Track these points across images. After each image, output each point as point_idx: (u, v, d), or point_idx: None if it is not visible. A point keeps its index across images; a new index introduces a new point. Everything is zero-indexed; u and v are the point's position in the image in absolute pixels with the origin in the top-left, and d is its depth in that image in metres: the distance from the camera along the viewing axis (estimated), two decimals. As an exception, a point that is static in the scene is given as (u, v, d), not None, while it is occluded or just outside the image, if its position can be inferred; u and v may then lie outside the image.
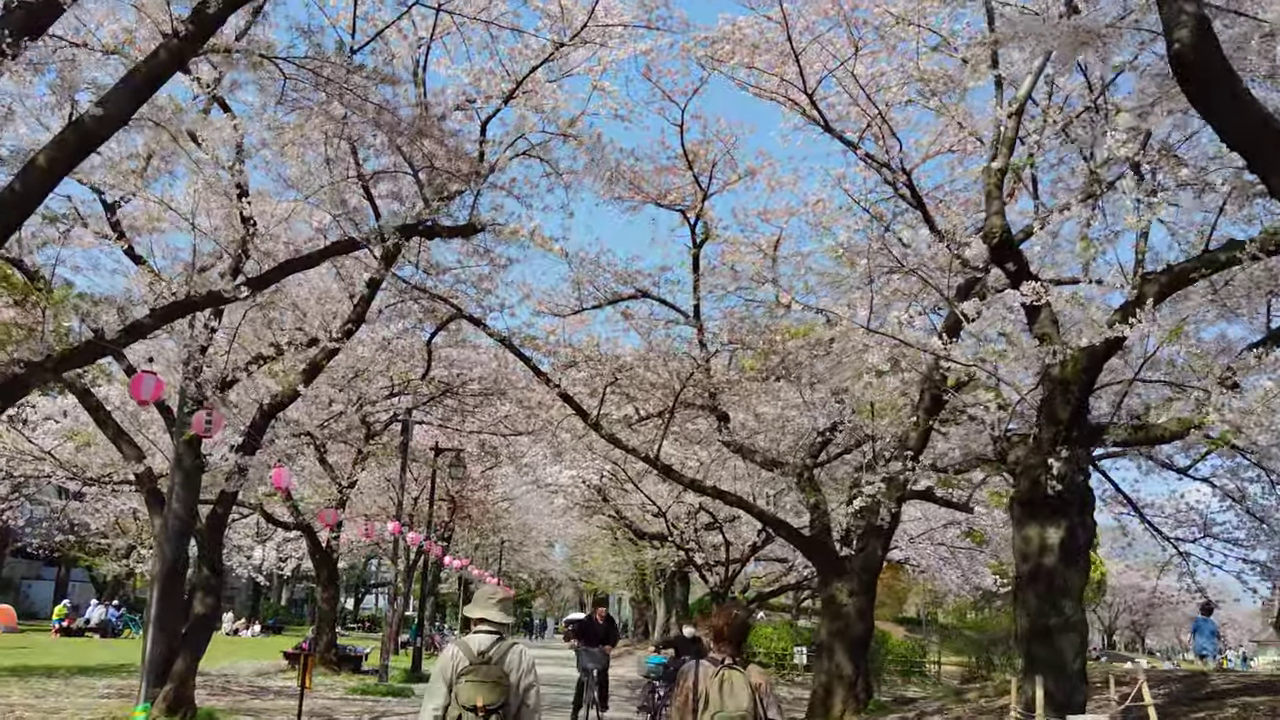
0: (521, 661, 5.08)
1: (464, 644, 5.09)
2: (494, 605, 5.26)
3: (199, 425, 9.95)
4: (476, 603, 5.31)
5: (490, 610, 5.23)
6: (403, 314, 18.09)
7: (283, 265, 9.14)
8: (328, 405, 18.68)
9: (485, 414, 22.58)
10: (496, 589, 5.52)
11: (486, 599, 5.28)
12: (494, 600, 5.28)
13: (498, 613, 5.25)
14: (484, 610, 5.22)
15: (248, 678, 21.39)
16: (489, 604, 5.25)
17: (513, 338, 15.40)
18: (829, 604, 14.44)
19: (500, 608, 5.30)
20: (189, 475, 12.07)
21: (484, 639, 5.09)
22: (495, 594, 5.33)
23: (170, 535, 11.90)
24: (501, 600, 5.33)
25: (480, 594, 5.38)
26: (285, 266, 9.18)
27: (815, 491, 15.43)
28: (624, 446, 15.20)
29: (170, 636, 11.93)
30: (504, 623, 5.26)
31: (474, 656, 4.98)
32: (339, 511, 21.18)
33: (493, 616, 5.21)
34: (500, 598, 5.34)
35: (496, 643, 5.08)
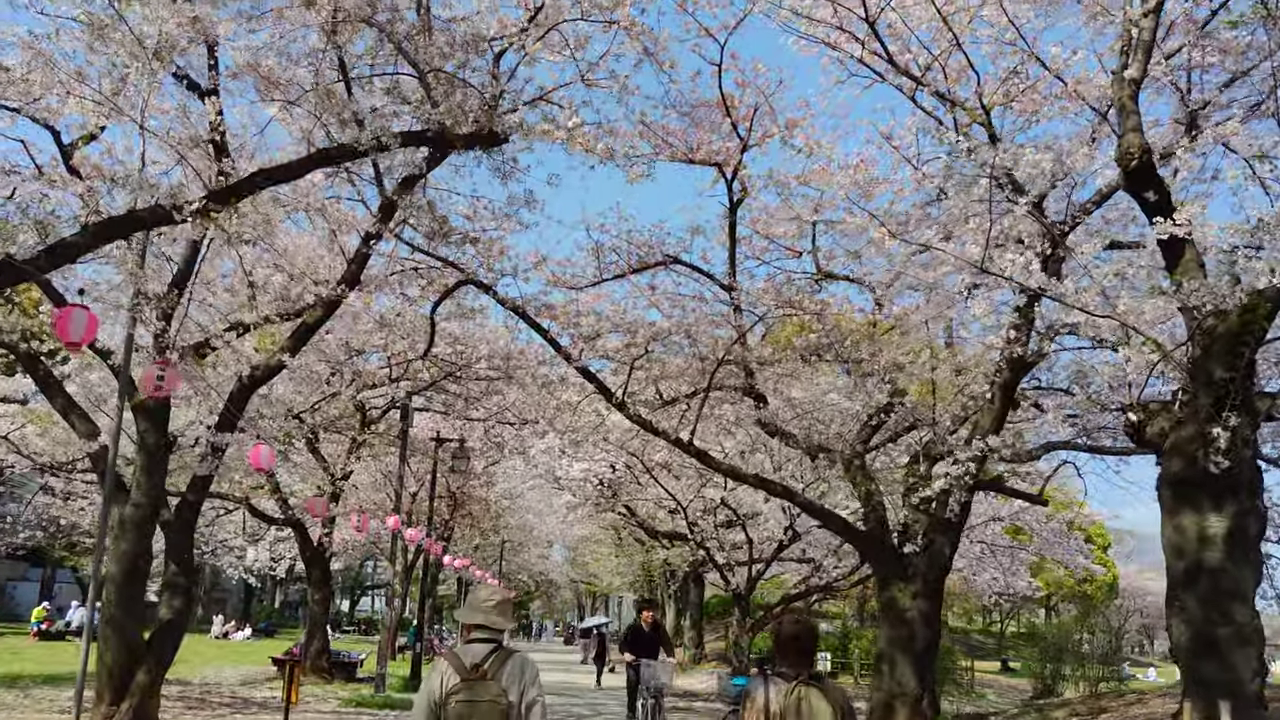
0: (524, 673, 4.30)
1: (455, 657, 4.35)
2: (491, 609, 4.53)
3: (149, 384, 8.12)
4: (471, 606, 4.60)
5: (487, 615, 4.50)
6: (402, 285, 16.35)
7: (254, 175, 7.31)
8: (323, 383, 16.89)
9: (491, 401, 20.80)
10: (494, 589, 4.72)
11: (482, 602, 4.57)
12: (491, 603, 4.55)
13: (496, 618, 4.52)
14: (479, 615, 4.50)
15: (231, 687, 19.58)
16: (486, 608, 4.53)
17: (527, 306, 13.61)
18: (889, 609, 12.66)
19: (499, 611, 4.56)
20: (153, 456, 10.29)
21: (479, 649, 4.35)
22: (493, 596, 4.60)
23: (130, 525, 10.11)
24: (500, 603, 4.59)
25: (475, 596, 4.64)
26: (258, 176, 7.35)
27: (868, 481, 13.67)
28: (653, 429, 13.43)
29: (130, 644, 10.14)
30: (502, 629, 4.52)
31: (466, 672, 4.25)
32: (331, 505, 19.36)
33: (490, 622, 4.49)
34: (498, 600, 4.60)
35: (494, 653, 4.33)
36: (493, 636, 4.47)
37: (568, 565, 67.04)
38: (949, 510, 12.28)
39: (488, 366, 17.54)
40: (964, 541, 25.41)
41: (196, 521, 11.45)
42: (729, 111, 13.82)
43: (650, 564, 40.46)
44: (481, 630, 4.47)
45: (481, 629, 4.47)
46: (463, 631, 4.91)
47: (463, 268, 13.73)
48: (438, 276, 15.14)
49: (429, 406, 20.83)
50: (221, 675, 21.95)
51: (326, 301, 11.95)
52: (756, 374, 14.85)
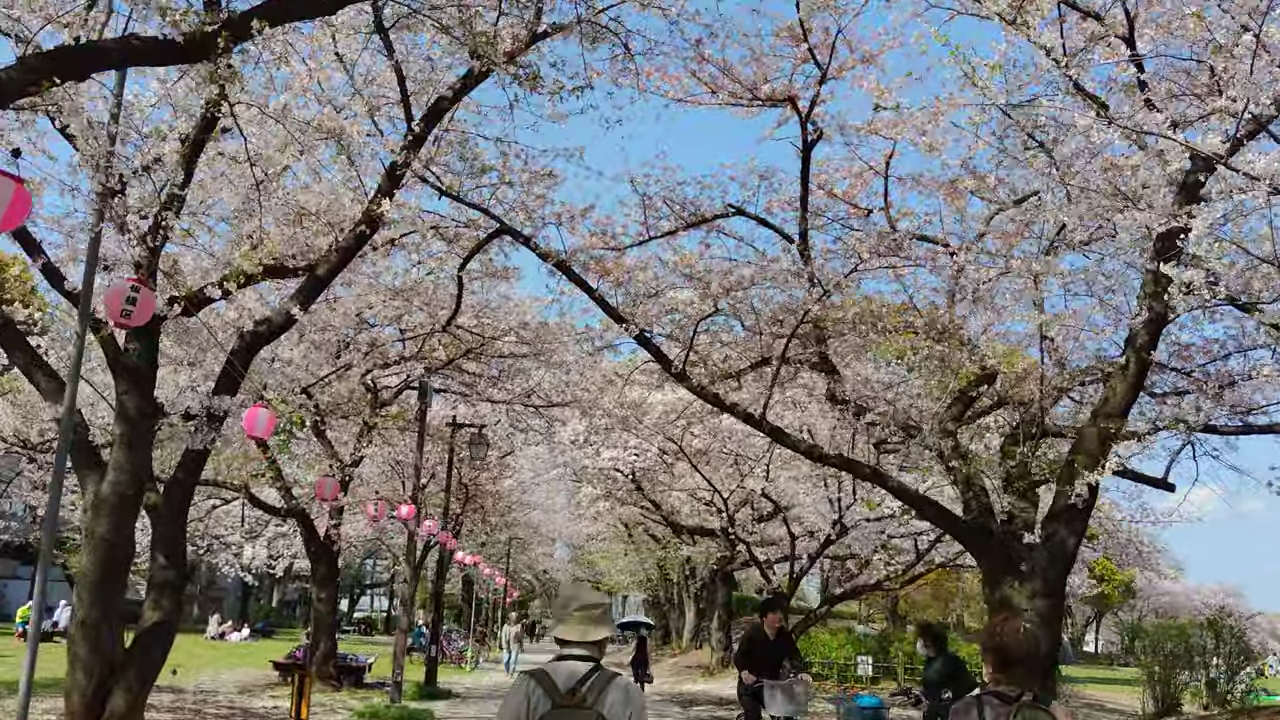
0: (629, 703, 3.45)
1: (545, 677, 3.49)
2: (587, 618, 3.62)
3: (115, 306, 6.19)
4: (564, 613, 3.68)
5: (583, 627, 3.60)
6: (420, 251, 14.51)
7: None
8: (333, 356, 15.03)
9: (514, 383, 18.95)
10: (582, 589, 3.82)
11: (577, 608, 3.63)
12: (588, 609, 3.64)
13: (593, 628, 3.62)
14: (575, 625, 3.61)
15: (229, 694, 17.72)
16: (581, 615, 3.62)
17: (572, 261, 11.76)
18: (998, 611, 10.82)
19: (596, 620, 3.65)
20: (135, 425, 8.43)
21: (574, 669, 3.50)
22: (588, 598, 3.70)
23: (107, 508, 8.25)
24: (601, 609, 3.70)
25: (567, 599, 3.72)
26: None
27: (965, 462, 11.84)
28: (721, 403, 11.59)
29: (107, 653, 8.27)
30: (600, 641, 3.63)
31: (560, 696, 3.42)
32: (340, 493, 17.48)
33: (586, 635, 3.59)
34: (592, 603, 3.68)
35: (593, 676, 3.46)
36: (591, 654, 3.58)
37: (573, 564, 65.37)
38: (1074, 493, 10.44)
39: (517, 340, 15.66)
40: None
41: (189, 506, 9.59)
42: (805, 35, 12.00)
43: (667, 561, 38.67)
44: (572, 645, 3.58)
45: (575, 644, 3.57)
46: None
47: (498, 216, 11.90)
48: (464, 233, 13.32)
49: (447, 388, 18.98)
50: (218, 681, 20.08)
51: (343, 247, 10.12)
52: (830, 344, 13.05)
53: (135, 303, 6.10)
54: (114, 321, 6.03)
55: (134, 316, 6.09)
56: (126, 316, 6.06)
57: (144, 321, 6.24)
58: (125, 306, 6.08)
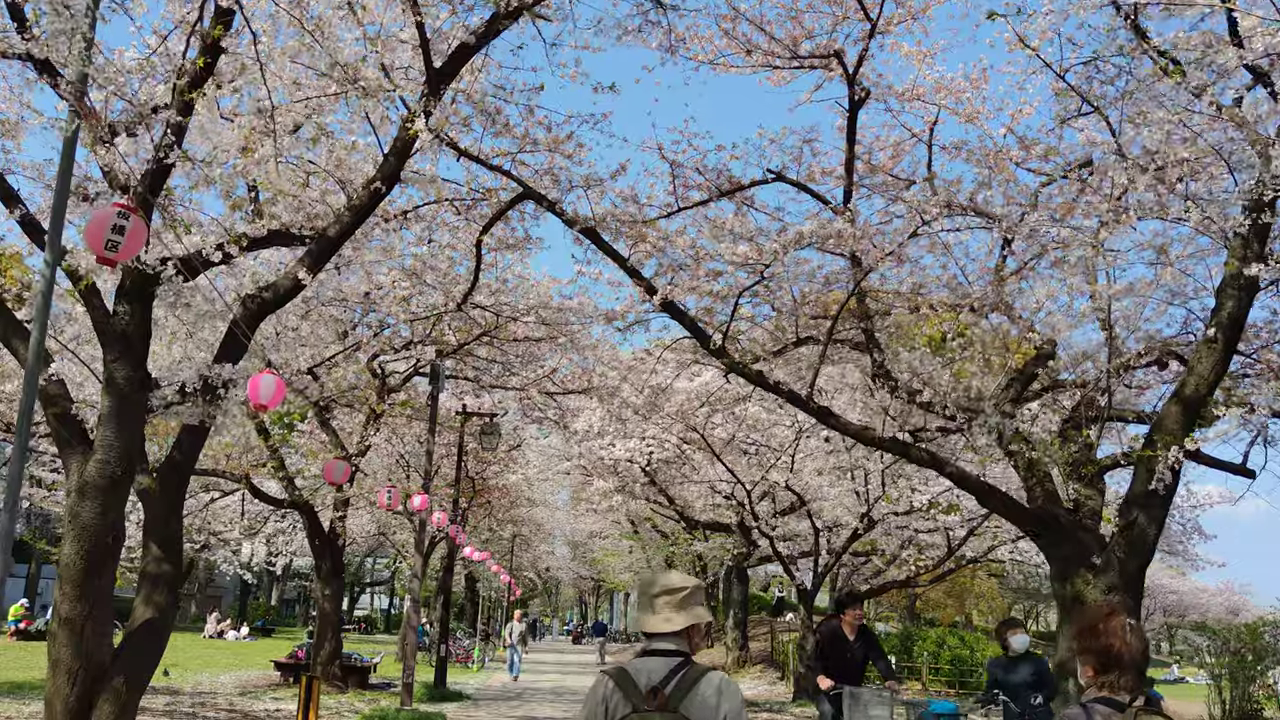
0: (722, 702, 2.93)
1: (624, 675, 3.02)
2: (670, 604, 3.08)
3: (97, 237, 5.11)
4: (645, 601, 3.13)
5: (665, 615, 3.07)
6: (432, 229, 13.59)
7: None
8: (339, 336, 14.09)
9: (529, 370, 18.02)
10: (663, 572, 3.20)
11: (660, 593, 3.10)
12: (671, 593, 3.09)
13: (677, 614, 3.08)
14: (656, 616, 3.08)
15: (228, 696, 16.80)
16: (663, 602, 3.09)
17: (601, 227, 10.82)
18: (1070, 607, 9.91)
19: (680, 605, 3.07)
20: (125, 397, 7.49)
21: (657, 666, 3.01)
22: (667, 582, 3.14)
23: (93, 490, 7.31)
24: (679, 593, 3.09)
25: (645, 584, 3.18)
26: None
27: (1028, 446, 10.91)
28: (763, 381, 10.65)
29: (92, 654, 7.34)
30: (686, 630, 3.07)
31: (639, 697, 2.96)
32: (345, 484, 16.55)
33: (670, 623, 3.06)
34: (675, 586, 3.11)
35: (680, 672, 2.98)
36: (678, 647, 3.09)
37: (576, 561, 64.50)
38: (1155, 479, 9.51)
39: (537, 320, 14.72)
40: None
41: (186, 490, 8.65)
42: (855, -16, 11.10)
43: (676, 558, 37.72)
44: (655, 639, 3.12)
45: (655, 637, 3.12)
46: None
47: (522, 180, 10.97)
48: (482, 204, 12.41)
49: (457, 374, 18.03)
50: (217, 682, 19.16)
51: (355, 206, 9.19)
52: (875, 320, 12.13)
53: (124, 233, 5.09)
54: (98, 255, 5.05)
55: (122, 250, 5.06)
56: (112, 250, 5.04)
57: (131, 256, 5.25)
58: (111, 237, 5.05)
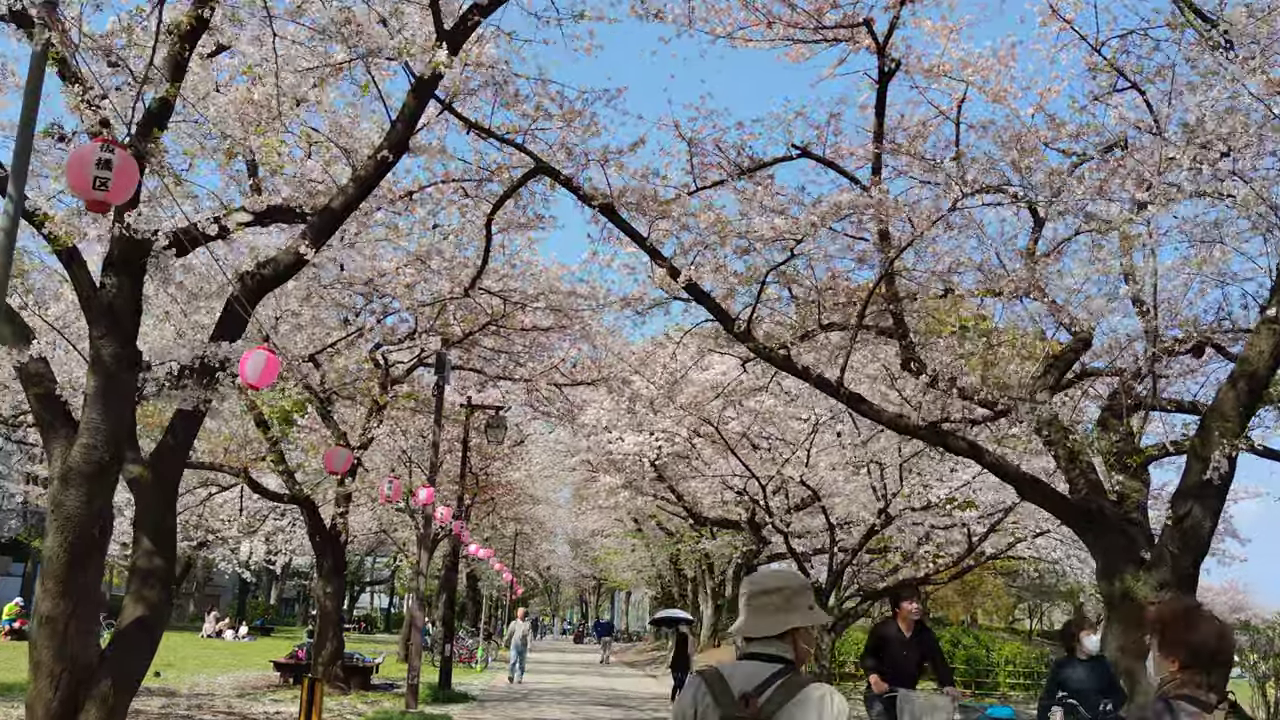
0: (822, 716, 2.63)
1: (718, 679, 2.76)
2: (768, 605, 2.81)
3: (80, 176, 4.45)
4: (744, 603, 2.87)
5: (766, 618, 2.79)
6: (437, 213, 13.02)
7: None
8: (342, 322, 13.52)
9: (537, 360, 17.44)
10: (764, 573, 2.93)
11: (758, 593, 2.83)
12: (770, 594, 2.82)
13: (777, 618, 2.79)
14: (754, 619, 2.81)
15: (226, 698, 16.22)
16: (760, 604, 2.81)
17: (619, 204, 10.25)
18: (1119, 605, 9.35)
19: (781, 607, 2.80)
20: (113, 377, 6.91)
21: (753, 671, 2.74)
22: (766, 582, 2.87)
23: (78, 478, 6.74)
24: (779, 594, 2.81)
25: (751, 584, 2.88)
26: None
27: (1066, 435, 10.36)
28: (792, 367, 10.10)
29: (78, 656, 6.76)
30: (789, 633, 2.77)
31: (731, 704, 2.69)
32: (348, 479, 15.98)
33: (753, 629, 2.80)
34: (775, 587, 2.83)
35: (778, 680, 2.69)
36: (780, 652, 2.74)
37: (577, 560, 64.00)
38: (1211, 469, 8.95)
39: (547, 307, 14.14)
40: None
41: (180, 478, 8.08)
42: (887, -52, 10.56)
43: (682, 556, 37.16)
44: (755, 642, 2.80)
45: (760, 640, 2.79)
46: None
47: (535, 154, 10.40)
48: (488, 180, 11.86)
49: (462, 364, 17.45)
50: (215, 683, 18.59)
51: (360, 177, 8.62)
52: (905, 303, 11.57)
53: (111, 168, 4.46)
54: (87, 199, 4.43)
55: (114, 188, 4.42)
56: (102, 188, 4.39)
57: (125, 196, 4.62)
58: (98, 174, 4.42)
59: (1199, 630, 3.01)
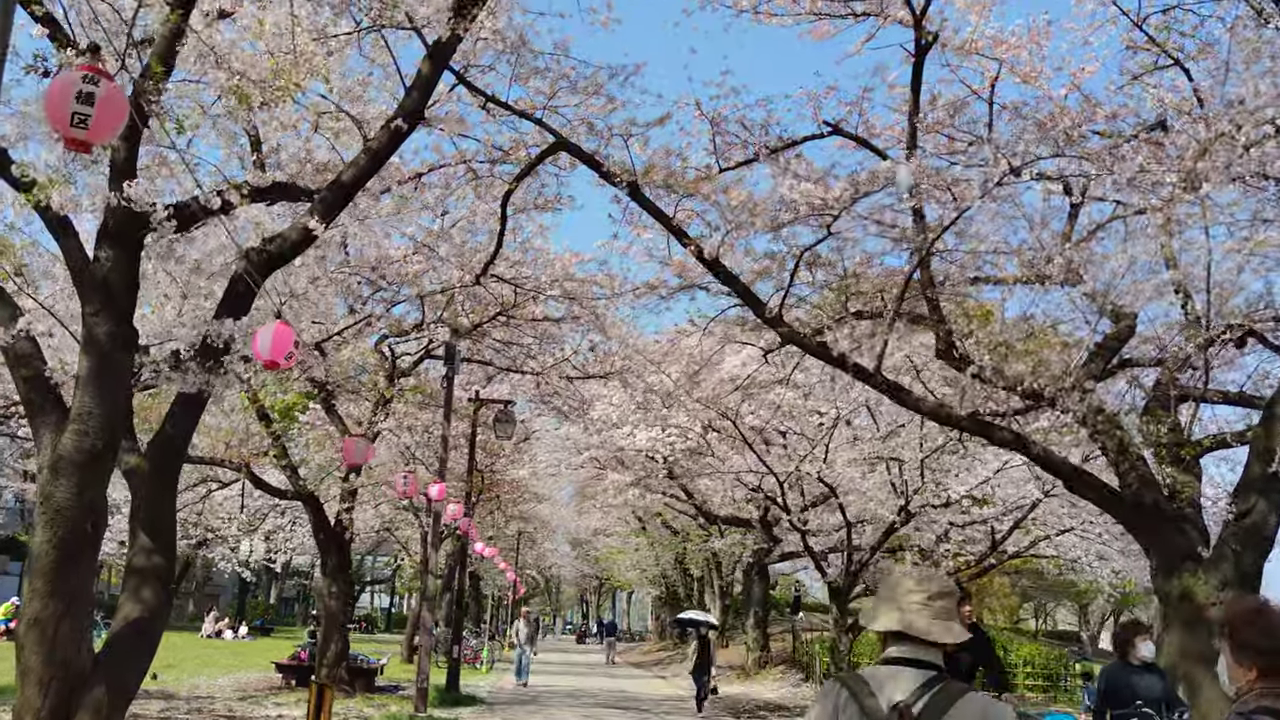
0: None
1: (862, 686, 2.54)
2: (931, 610, 2.57)
3: (58, 108, 3.84)
4: (898, 599, 2.60)
5: (933, 622, 2.55)
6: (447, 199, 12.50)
7: None
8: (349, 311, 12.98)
9: (547, 353, 16.91)
10: (923, 572, 2.69)
11: (907, 594, 2.60)
12: (937, 598, 2.58)
13: (931, 623, 2.55)
14: (916, 618, 2.56)
15: (227, 700, 15.68)
16: (920, 604, 2.57)
17: (645, 182, 9.71)
18: (1177, 606, 8.81)
19: (948, 614, 2.58)
20: (106, 357, 6.37)
21: (904, 678, 2.51)
22: (932, 585, 2.61)
23: (69, 467, 6.19)
24: (946, 599, 2.59)
25: (895, 586, 2.66)
26: None
27: (1114, 425, 9.82)
28: (827, 354, 9.56)
29: (69, 660, 6.21)
30: (942, 644, 2.55)
31: (883, 713, 2.47)
32: (353, 475, 15.43)
33: (925, 631, 2.55)
34: (943, 590, 2.61)
35: (931, 689, 2.47)
36: (932, 659, 2.52)
37: (579, 559, 63.48)
38: (1278, 462, 8.42)
39: (562, 295, 13.59)
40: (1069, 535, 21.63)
41: (179, 469, 7.53)
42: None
43: (688, 555, 36.61)
44: (907, 644, 2.54)
45: (906, 641, 2.54)
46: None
47: (555, 130, 9.86)
48: (500, 161, 11.32)
49: (471, 355, 16.91)
50: (215, 685, 18.04)
51: (372, 149, 8.08)
52: (943, 288, 11.04)
53: (94, 102, 3.89)
54: (64, 136, 3.87)
55: (95, 125, 3.84)
56: (82, 126, 3.83)
57: (109, 135, 4.07)
58: (77, 109, 3.85)
59: (1275, 632, 2.73)
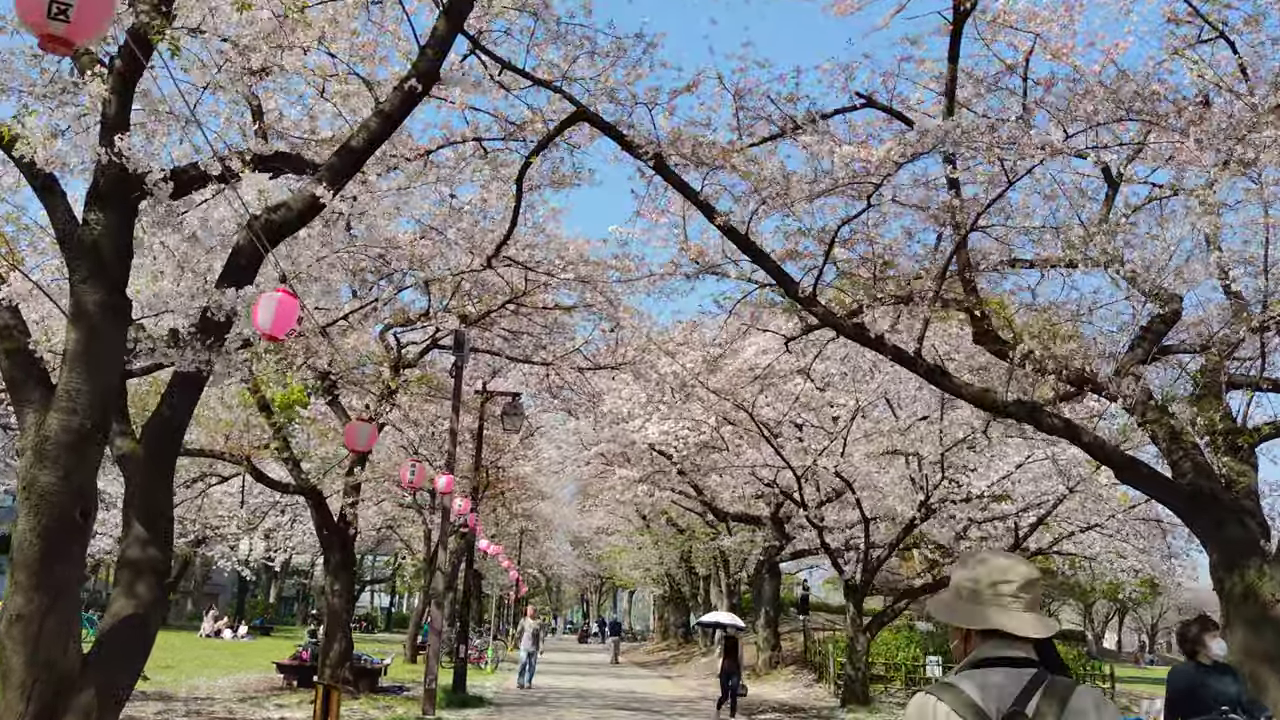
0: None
1: (959, 694, 2.22)
2: (1024, 602, 2.33)
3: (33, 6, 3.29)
4: (988, 592, 2.33)
5: (1028, 617, 2.32)
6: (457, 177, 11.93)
7: None
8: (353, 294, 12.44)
9: (558, 343, 16.37)
10: (1009, 560, 2.38)
11: (997, 583, 2.33)
12: (1028, 587, 2.35)
13: (1027, 618, 2.32)
14: (1010, 615, 2.31)
15: (227, 702, 15.12)
16: (1012, 598, 2.32)
17: (668, 153, 9.15)
18: (1243, 603, 8.27)
19: (1029, 604, 2.33)
20: (98, 331, 5.81)
21: (1007, 680, 2.24)
22: (1021, 573, 2.35)
23: (55, 449, 5.63)
24: (1035, 588, 2.36)
25: (988, 571, 2.36)
26: None
27: (1164, 413, 9.27)
28: (864, 336, 9.00)
29: (54, 661, 5.65)
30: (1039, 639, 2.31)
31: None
32: (357, 470, 14.88)
33: (1022, 628, 2.29)
34: (1032, 579, 2.36)
35: (1039, 687, 2.22)
36: (1030, 655, 2.29)
37: (582, 559, 62.96)
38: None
39: (576, 278, 13.04)
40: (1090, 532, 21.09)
41: (176, 455, 6.97)
42: None
43: (694, 553, 36.02)
44: (1002, 640, 2.28)
45: (1003, 639, 2.29)
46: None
47: (575, 98, 9.30)
48: (512, 136, 10.78)
49: (478, 347, 16.36)
50: (215, 686, 17.48)
51: (383, 112, 7.53)
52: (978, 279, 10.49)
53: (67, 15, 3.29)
54: (38, 33, 3.29)
55: (77, 19, 3.22)
56: (61, 19, 3.23)
57: (95, 31, 3.49)
58: (54, 3, 3.28)
59: None
